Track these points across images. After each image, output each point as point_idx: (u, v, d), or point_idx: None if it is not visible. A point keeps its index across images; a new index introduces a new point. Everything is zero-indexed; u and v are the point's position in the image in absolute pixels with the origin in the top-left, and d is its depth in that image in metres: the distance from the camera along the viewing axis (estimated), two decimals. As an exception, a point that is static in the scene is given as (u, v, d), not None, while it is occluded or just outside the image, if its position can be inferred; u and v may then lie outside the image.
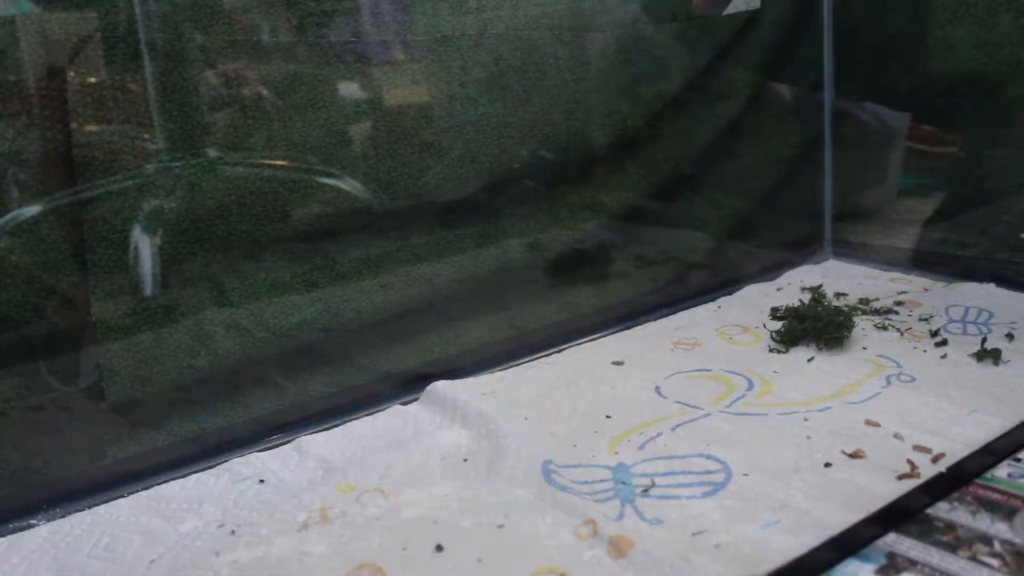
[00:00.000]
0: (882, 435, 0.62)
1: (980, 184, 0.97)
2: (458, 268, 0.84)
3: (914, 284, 0.94)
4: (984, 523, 0.49)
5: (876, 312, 0.86)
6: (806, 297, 0.91)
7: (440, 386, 0.73)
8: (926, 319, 0.83)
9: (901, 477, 0.56)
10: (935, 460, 0.58)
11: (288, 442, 0.67)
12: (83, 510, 0.60)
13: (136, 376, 0.69)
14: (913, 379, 0.71)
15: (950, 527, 0.49)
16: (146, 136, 0.68)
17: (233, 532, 0.56)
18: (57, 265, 0.65)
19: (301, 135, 0.75)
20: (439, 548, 0.53)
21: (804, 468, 0.58)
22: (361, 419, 0.71)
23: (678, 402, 0.70)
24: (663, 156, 0.97)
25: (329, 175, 0.77)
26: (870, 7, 1.03)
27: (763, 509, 0.54)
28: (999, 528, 0.49)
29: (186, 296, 0.71)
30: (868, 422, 0.64)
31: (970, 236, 0.99)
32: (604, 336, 0.86)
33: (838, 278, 0.98)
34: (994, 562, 0.46)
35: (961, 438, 0.60)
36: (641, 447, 0.63)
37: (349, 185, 0.78)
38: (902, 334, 0.80)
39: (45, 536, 0.57)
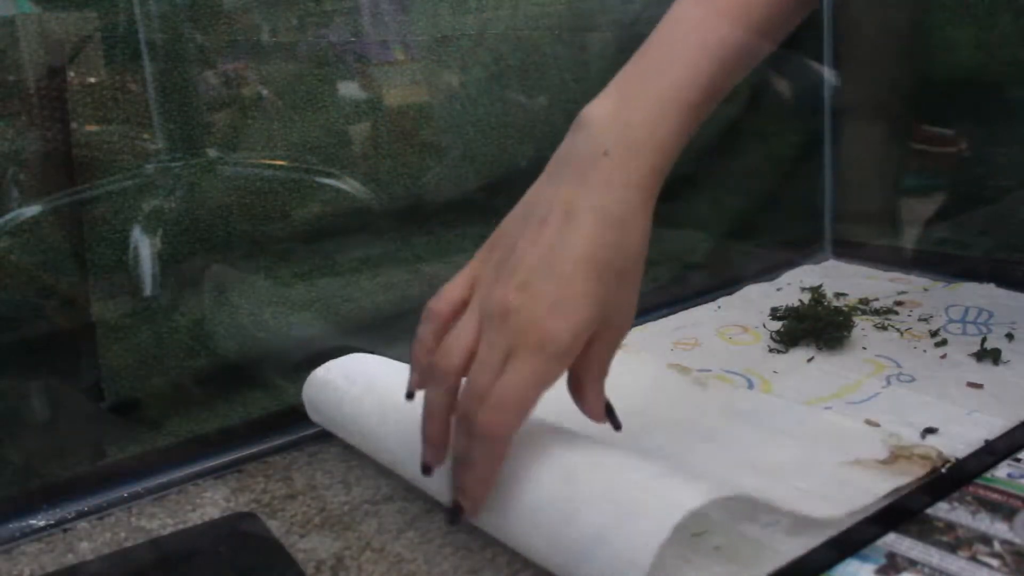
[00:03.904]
0: (882, 435, 0.62)
1: (980, 184, 0.97)
2: (458, 268, 0.83)
3: (914, 284, 0.94)
4: (984, 523, 0.49)
5: (876, 312, 0.86)
6: (806, 297, 0.91)
7: None
8: (926, 319, 0.83)
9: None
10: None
11: (290, 439, 0.67)
12: (83, 510, 0.60)
13: (136, 376, 0.69)
14: (913, 379, 0.71)
15: (950, 527, 0.49)
16: (146, 136, 0.68)
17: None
18: (57, 265, 0.65)
19: (301, 135, 0.75)
20: None
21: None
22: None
23: (678, 402, 0.70)
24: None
25: (329, 175, 0.77)
26: (870, 7, 1.03)
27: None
28: (999, 528, 0.49)
29: (186, 296, 0.71)
30: (868, 422, 0.64)
31: (970, 236, 0.99)
32: (604, 336, 0.85)
33: (838, 278, 0.98)
34: (994, 562, 0.46)
35: (961, 438, 0.60)
36: (641, 447, 0.63)
37: (349, 185, 0.78)
38: (902, 334, 0.80)
39: None
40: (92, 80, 0.66)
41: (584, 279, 0.47)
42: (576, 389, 0.50)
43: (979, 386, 0.68)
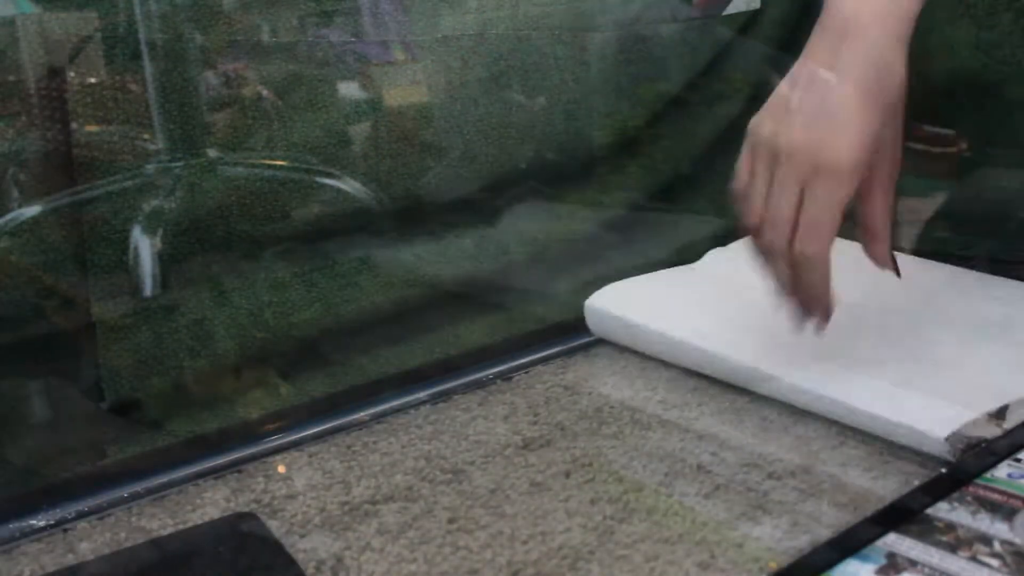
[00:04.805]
0: (882, 435, 0.62)
1: (980, 184, 0.97)
2: (458, 268, 0.84)
3: (914, 284, 0.94)
4: (984, 523, 0.49)
5: (876, 312, 0.86)
6: (806, 297, 0.91)
7: None
8: (926, 319, 0.82)
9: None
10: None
11: (292, 438, 0.67)
12: (83, 510, 0.60)
13: (136, 376, 0.69)
14: (913, 379, 0.71)
15: (950, 527, 0.49)
16: (146, 136, 0.68)
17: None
18: (57, 265, 0.65)
19: (301, 135, 0.75)
20: None
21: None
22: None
23: (678, 402, 0.70)
24: (663, 156, 0.97)
25: (329, 175, 0.77)
26: (870, 7, 1.03)
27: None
28: (999, 528, 0.49)
29: (186, 296, 0.71)
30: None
31: (970, 236, 0.99)
32: (604, 336, 0.85)
33: (838, 278, 0.98)
34: (994, 562, 0.46)
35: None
36: (641, 447, 0.63)
37: (349, 185, 0.78)
38: (902, 334, 0.80)
39: None
40: (92, 80, 0.66)
41: (858, 109, 0.55)
42: (866, 231, 0.62)
43: (979, 386, 0.68)
